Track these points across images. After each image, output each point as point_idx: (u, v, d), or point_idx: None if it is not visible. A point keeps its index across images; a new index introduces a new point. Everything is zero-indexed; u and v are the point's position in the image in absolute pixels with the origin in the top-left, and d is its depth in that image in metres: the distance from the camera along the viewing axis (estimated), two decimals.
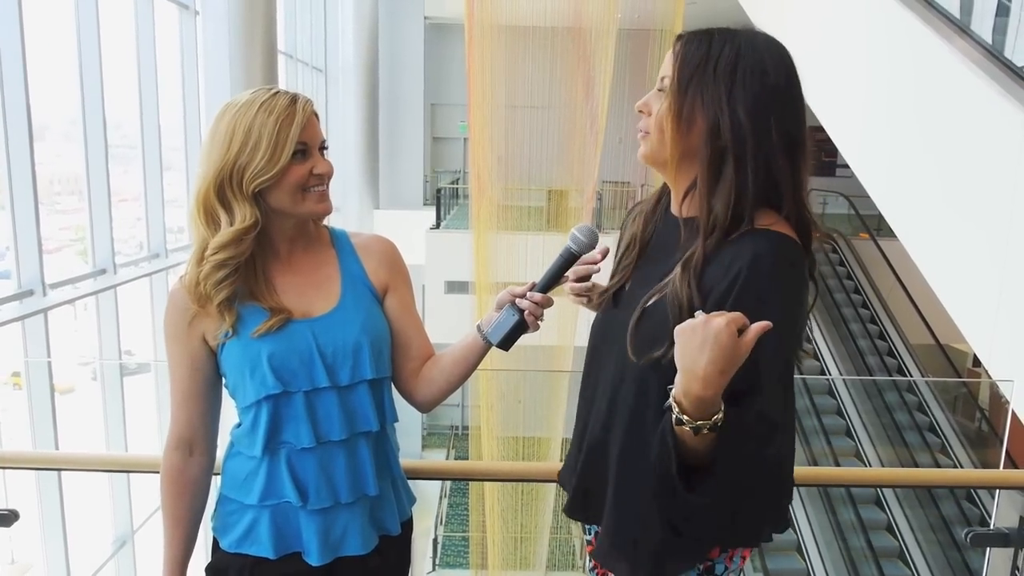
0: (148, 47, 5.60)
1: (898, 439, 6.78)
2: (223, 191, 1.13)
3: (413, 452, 11.36)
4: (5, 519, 1.66)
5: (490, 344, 1.23)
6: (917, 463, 6.50)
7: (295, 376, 1.17)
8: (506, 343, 1.21)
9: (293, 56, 9.42)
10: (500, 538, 7.43)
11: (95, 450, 5.27)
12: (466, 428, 11.86)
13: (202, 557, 1.30)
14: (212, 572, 1.25)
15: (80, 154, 4.84)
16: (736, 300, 0.93)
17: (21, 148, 4.07)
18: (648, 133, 1.06)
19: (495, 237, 7.03)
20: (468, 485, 9.39)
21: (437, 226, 9.52)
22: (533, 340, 1.28)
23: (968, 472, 5.81)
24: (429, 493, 9.97)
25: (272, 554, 1.19)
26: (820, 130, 5.17)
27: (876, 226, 9.08)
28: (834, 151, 7.16)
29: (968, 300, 3.33)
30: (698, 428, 0.88)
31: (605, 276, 1.23)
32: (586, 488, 1.14)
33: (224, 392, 1.25)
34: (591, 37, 6.94)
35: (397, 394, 1.30)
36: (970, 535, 1.88)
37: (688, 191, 1.05)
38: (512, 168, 7.64)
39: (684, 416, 0.88)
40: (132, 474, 4.30)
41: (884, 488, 6.01)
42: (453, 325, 6.84)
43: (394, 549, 1.29)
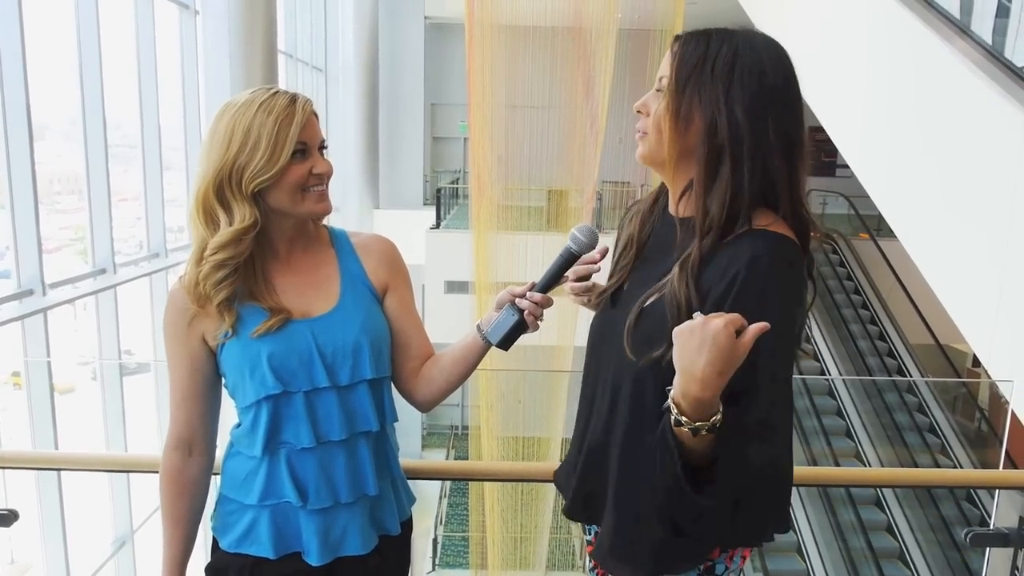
0: (148, 46, 5.60)
1: (898, 440, 6.78)
2: (222, 191, 1.13)
3: (413, 452, 11.35)
4: (5, 519, 1.66)
5: (490, 344, 1.23)
6: (917, 464, 6.49)
7: (295, 376, 1.17)
8: (506, 343, 1.21)
9: (293, 56, 9.42)
10: (500, 538, 7.43)
11: (95, 450, 5.27)
12: (466, 428, 11.86)
13: (202, 557, 1.30)
14: (212, 572, 1.25)
15: (80, 153, 4.84)
16: (734, 301, 0.93)
17: (21, 147, 4.07)
18: (646, 133, 1.06)
19: (495, 237, 7.03)
20: (468, 485, 9.39)
21: (437, 226, 9.52)
22: (533, 340, 1.27)
23: (967, 472, 5.81)
24: (429, 493, 9.97)
25: (272, 554, 1.19)
26: (820, 130, 5.17)
27: (876, 226, 9.07)
28: (834, 151, 7.16)
29: (968, 300, 3.33)
30: (696, 429, 0.88)
31: (604, 276, 1.23)
32: (587, 490, 1.14)
33: (223, 392, 1.25)
34: (591, 37, 6.93)
35: (397, 394, 1.30)
36: (970, 535, 1.88)
37: (685, 191, 1.05)
38: (512, 168, 7.64)
39: (683, 417, 0.88)
40: (132, 474, 4.30)
41: (884, 488, 6.01)
42: (453, 325, 6.84)
43: (394, 549, 1.29)
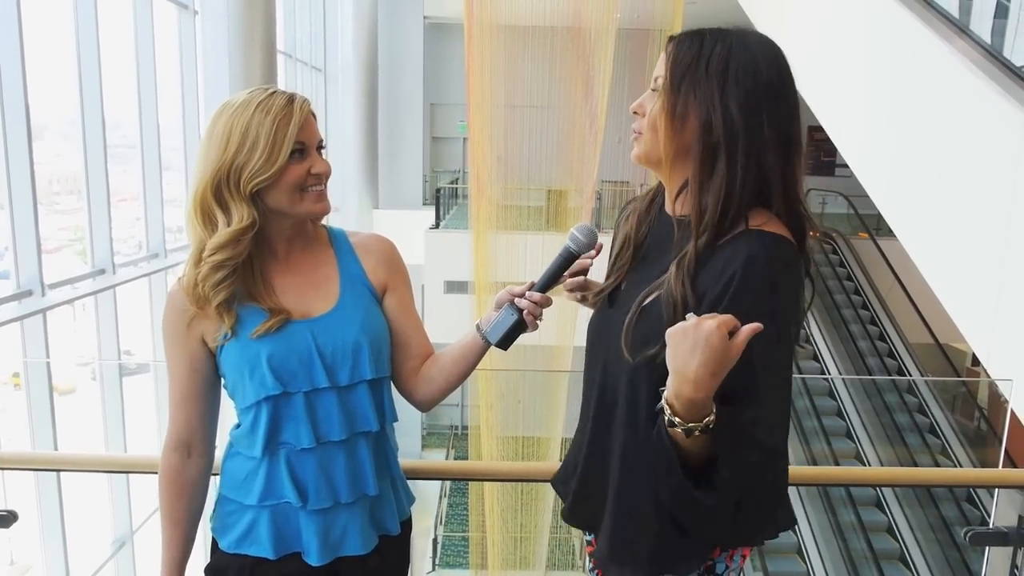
0: (147, 47, 5.60)
1: (898, 440, 6.77)
2: (220, 191, 1.13)
3: (413, 452, 11.35)
4: (4, 520, 1.66)
5: (489, 343, 1.23)
6: (917, 464, 6.49)
7: (294, 377, 1.17)
8: (505, 342, 1.21)
9: (292, 56, 9.42)
10: (500, 538, 7.42)
11: (94, 451, 5.27)
12: (465, 428, 11.86)
13: (201, 557, 1.30)
14: (211, 572, 1.25)
15: (79, 154, 4.84)
16: (730, 302, 0.93)
17: (20, 148, 4.07)
18: (641, 133, 1.06)
19: (494, 237, 7.03)
20: (468, 485, 9.39)
21: (436, 226, 9.52)
22: (532, 340, 1.27)
23: (967, 471, 5.80)
24: (429, 493, 9.97)
25: (272, 554, 1.19)
26: (819, 129, 5.17)
27: (875, 225, 9.07)
28: (833, 150, 7.16)
29: (967, 299, 3.33)
30: (690, 430, 0.88)
31: (598, 272, 1.22)
32: (587, 492, 1.13)
33: (223, 392, 1.25)
34: (590, 37, 6.93)
35: (396, 394, 1.30)
36: (969, 534, 1.88)
37: (681, 189, 1.05)
38: (511, 168, 7.64)
39: (676, 418, 0.88)
40: (131, 475, 4.29)
41: (884, 488, 6.01)
42: (452, 325, 6.83)
43: (394, 549, 1.29)
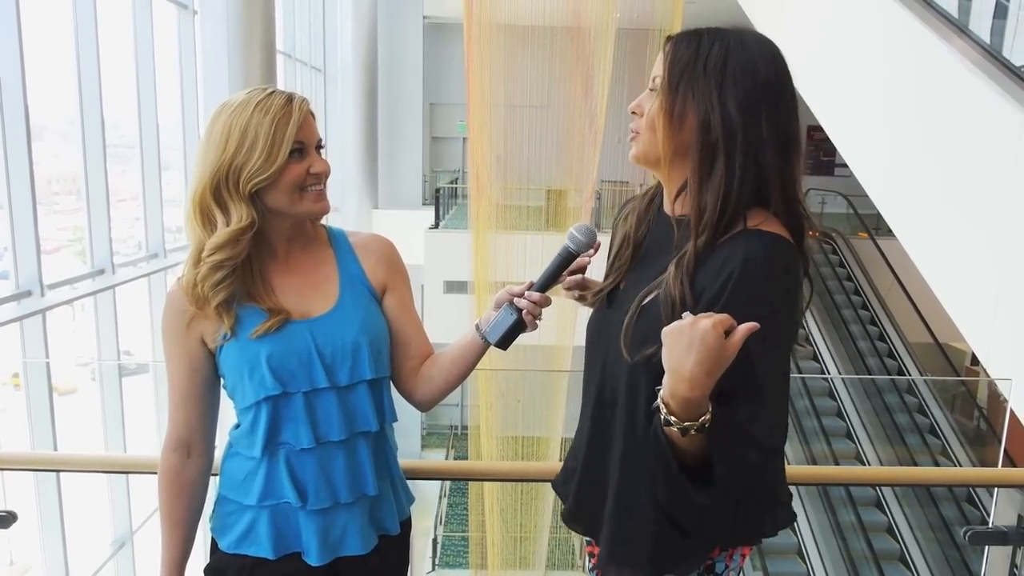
0: (146, 46, 5.59)
1: (899, 441, 6.77)
2: (219, 191, 1.13)
3: (412, 452, 11.35)
4: (3, 521, 1.66)
5: (488, 343, 1.23)
6: (917, 464, 6.49)
7: (294, 377, 1.17)
8: (504, 342, 1.21)
9: (292, 56, 9.42)
10: (500, 538, 7.43)
11: (93, 451, 5.27)
12: (465, 428, 11.85)
13: (201, 558, 1.29)
14: (211, 573, 1.24)
15: (78, 154, 4.84)
16: (728, 302, 0.93)
17: (19, 148, 4.06)
18: (639, 133, 1.06)
19: (494, 237, 7.03)
20: (467, 485, 9.38)
21: (436, 226, 9.52)
22: (532, 339, 1.27)
23: (966, 471, 5.80)
24: (428, 493, 9.97)
25: (271, 554, 1.19)
26: (819, 129, 5.17)
27: (875, 225, 9.07)
28: (833, 150, 7.16)
29: (966, 299, 3.33)
30: (685, 429, 0.88)
31: (596, 271, 1.22)
32: (587, 493, 1.13)
33: (222, 392, 1.25)
34: (590, 37, 6.93)
35: (396, 394, 1.30)
36: (968, 533, 1.88)
37: (681, 189, 1.05)
38: (511, 168, 7.64)
39: (671, 417, 0.88)
40: (131, 475, 4.29)
41: (883, 487, 6.00)
42: (452, 325, 6.82)
43: (393, 549, 1.29)
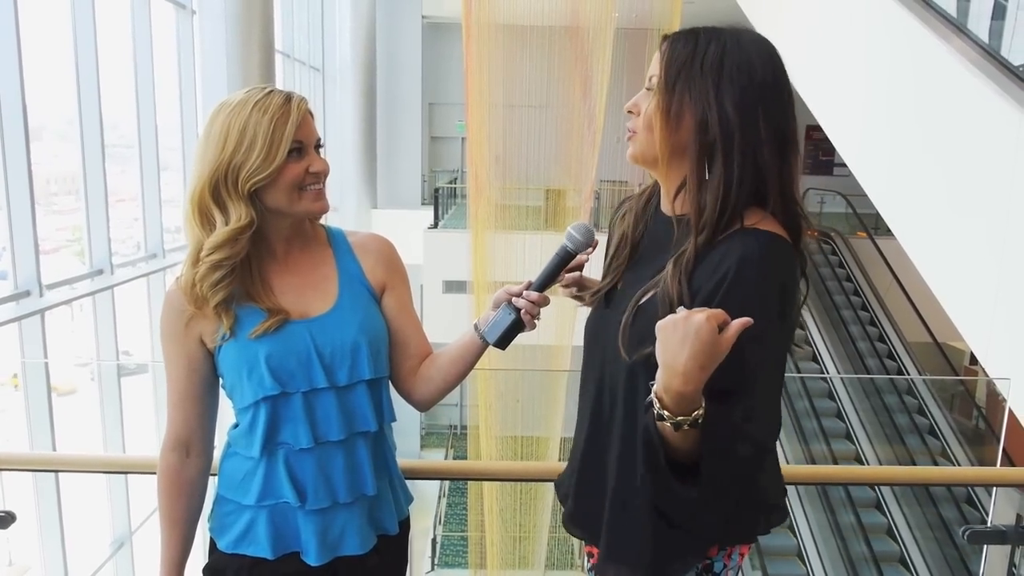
0: (145, 46, 5.59)
1: (898, 441, 6.77)
2: (218, 191, 1.13)
3: (412, 452, 11.35)
4: (2, 521, 1.66)
5: (487, 343, 1.23)
6: (917, 465, 6.49)
7: (293, 377, 1.17)
8: (503, 342, 1.21)
9: (290, 55, 9.41)
10: (499, 537, 7.43)
11: (92, 451, 5.26)
12: (464, 427, 11.86)
13: (200, 557, 1.29)
14: (210, 573, 1.24)
15: (77, 154, 4.83)
16: (723, 300, 0.93)
17: (17, 148, 4.06)
18: (636, 133, 1.06)
19: (493, 236, 7.03)
20: (467, 485, 9.38)
21: (435, 225, 9.52)
22: (531, 339, 1.27)
23: (965, 470, 5.81)
24: (428, 493, 9.97)
25: (270, 554, 1.19)
26: (818, 129, 5.17)
27: (874, 225, 9.08)
28: (832, 150, 7.16)
29: (965, 298, 3.33)
30: (679, 424, 0.88)
31: (595, 271, 1.22)
32: (586, 492, 1.13)
33: (221, 392, 1.25)
34: (589, 36, 6.93)
35: (395, 393, 1.30)
36: (967, 532, 1.88)
37: (680, 189, 1.05)
38: (510, 167, 7.64)
39: (665, 412, 0.88)
40: (130, 475, 4.28)
41: (883, 490, 6.01)
42: (451, 324, 6.83)
43: (392, 548, 1.29)
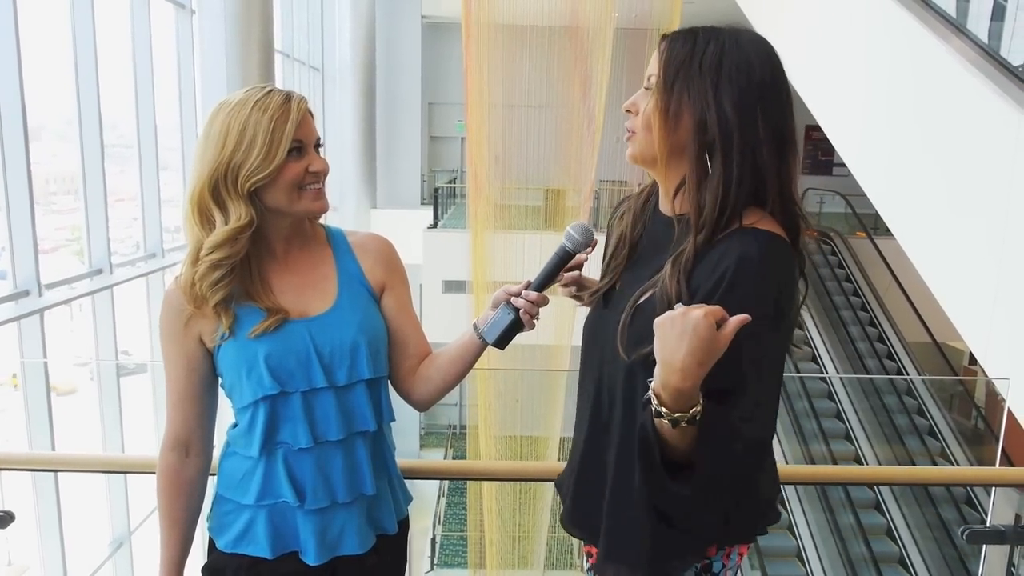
0: (144, 46, 5.59)
1: (897, 442, 6.78)
2: (218, 190, 1.13)
3: (411, 451, 11.35)
4: (1, 521, 1.66)
5: (486, 343, 1.23)
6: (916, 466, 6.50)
7: (292, 376, 1.17)
8: (502, 342, 1.21)
9: (290, 55, 9.41)
10: (498, 537, 7.43)
11: (91, 451, 5.26)
12: (464, 427, 11.86)
13: (200, 557, 1.29)
14: (209, 572, 1.24)
15: (76, 153, 4.83)
16: (721, 299, 0.93)
17: (16, 148, 4.05)
18: (635, 132, 1.06)
19: (492, 236, 7.03)
20: (466, 484, 9.38)
21: (434, 225, 9.53)
22: (530, 339, 1.27)
23: (964, 470, 5.81)
24: (427, 492, 9.97)
25: (269, 554, 1.19)
26: (817, 129, 5.17)
27: (873, 225, 9.08)
28: (831, 150, 7.16)
29: (964, 298, 3.34)
30: (676, 420, 0.88)
31: (594, 271, 1.22)
32: (585, 491, 1.13)
33: (220, 392, 1.25)
34: (588, 36, 6.94)
35: (394, 393, 1.30)
36: (966, 532, 1.88)
37: (679, 188, 1.05)
38: (509, 167, 7.64)
39: (663, 409, 0.88)
40: (129, 475, 4.28)
41: (883, 491, 6.01)
42: (450, 324, 6.84)
43: (391, 548, 1.29)
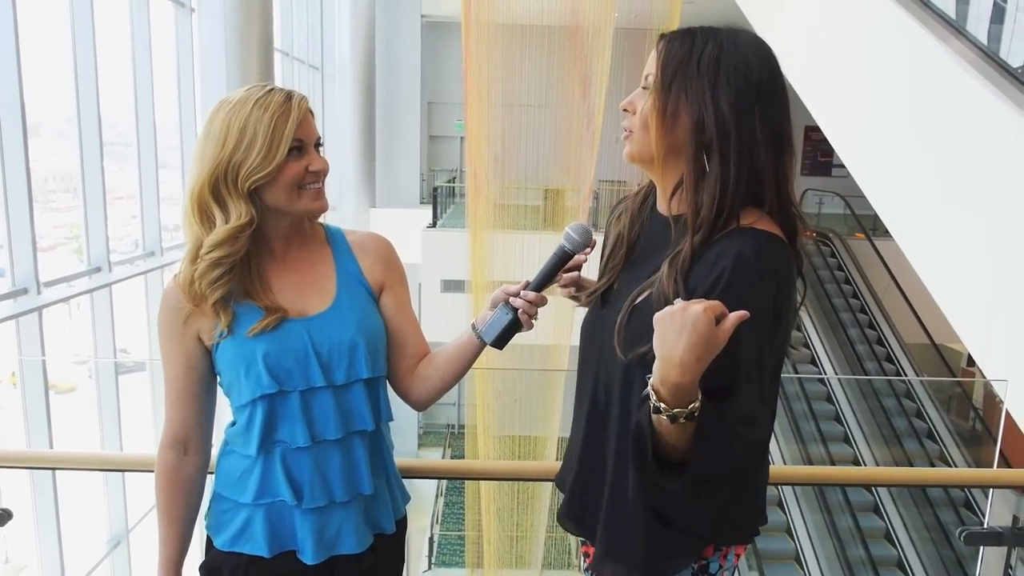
0: (144, 44, 5.58)
1: (897, 445, 6.78)
2: (218, 189, 1.13)
3: (409, 451, 11.35)
4: None
5: (484, 343, 1.23)
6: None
7: (290, 375, 1.17)
8: (500, 342, 1.21)
9: (289, 54, 9.40)
10: (496, 537, 7.43)
11: (90, 449, 5.25)
12: (462, 427, 11.86)
13: (198, 555, 1.29)
14: (206, 571, 1.24)
15: (75, 151, 4.82)
16: (719, 297, 0.93)
17: (15, 145, 4.05)
18: (632, 132, 1.06)
19: (491, 236, 7.03)
20: (464, 484, 9.39)
21: (434, 225, 9.52)
22: (529, 339, 1.28)
23: (962, 471, 5.82)
24: (425, 492, 9.97)
25: (266, 553, 1.19)
26: (816, 130, 5.17)
27: (872, 226, 9.09)
28: (830, 151, 7.17)
29: (963, 300, 3.34)
30: (675, 416, 0.88)
31: (593, 271, 1.22)
32: (583, 491, 1.13)
33: (219, 390, 1.25)
34: (588, 36, 6.93)
35: (392, 392, 1.30)
36: (964, 534, 1.89)
37: (676, 188, 1.05)
38: (509, 167, 7.64)
39: (661, 404, 0.88)
40: (127, 473, 4.28)
41: (881, 493, 6.01)
42: (449, 324, 6.83)
43: (388, 547, 1.29)
